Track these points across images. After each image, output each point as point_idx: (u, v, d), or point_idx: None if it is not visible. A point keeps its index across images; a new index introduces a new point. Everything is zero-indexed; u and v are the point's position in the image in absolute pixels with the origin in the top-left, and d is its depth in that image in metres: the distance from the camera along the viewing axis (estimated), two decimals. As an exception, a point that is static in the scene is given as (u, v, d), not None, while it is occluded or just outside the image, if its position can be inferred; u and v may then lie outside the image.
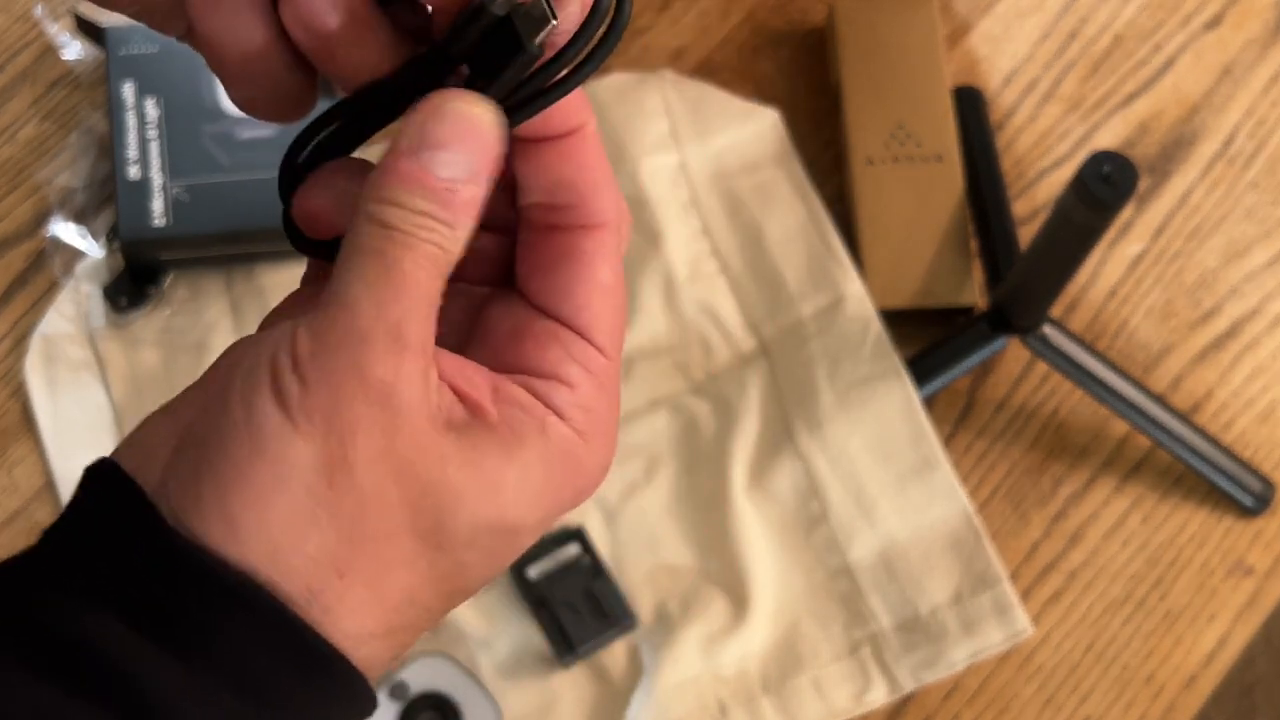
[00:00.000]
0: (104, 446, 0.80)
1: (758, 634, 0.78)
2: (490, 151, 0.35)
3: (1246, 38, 0.93)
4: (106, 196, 0.84)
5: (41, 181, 0.85)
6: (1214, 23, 0.93)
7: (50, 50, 0.89)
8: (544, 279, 0.38)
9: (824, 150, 0.89)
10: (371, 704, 0.35)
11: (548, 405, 0.36)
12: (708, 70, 0.90)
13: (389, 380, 0.33)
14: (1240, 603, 0.81)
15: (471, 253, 0.36)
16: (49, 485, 0.80)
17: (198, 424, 0.34)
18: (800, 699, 0.77)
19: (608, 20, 0.36)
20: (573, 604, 0.78)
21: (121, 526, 0.33)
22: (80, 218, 0.84)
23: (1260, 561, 0.82)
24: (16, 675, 0.31)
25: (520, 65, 0.36)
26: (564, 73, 0.36)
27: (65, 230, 0.84)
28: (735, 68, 0.90)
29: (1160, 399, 0.83)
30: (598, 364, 0.37)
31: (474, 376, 0.36)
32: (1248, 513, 0.82)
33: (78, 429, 0.81)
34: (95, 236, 0.84)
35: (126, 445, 0.35)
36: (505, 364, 0.37)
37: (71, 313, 0.82)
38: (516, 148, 0.38)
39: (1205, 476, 0.82)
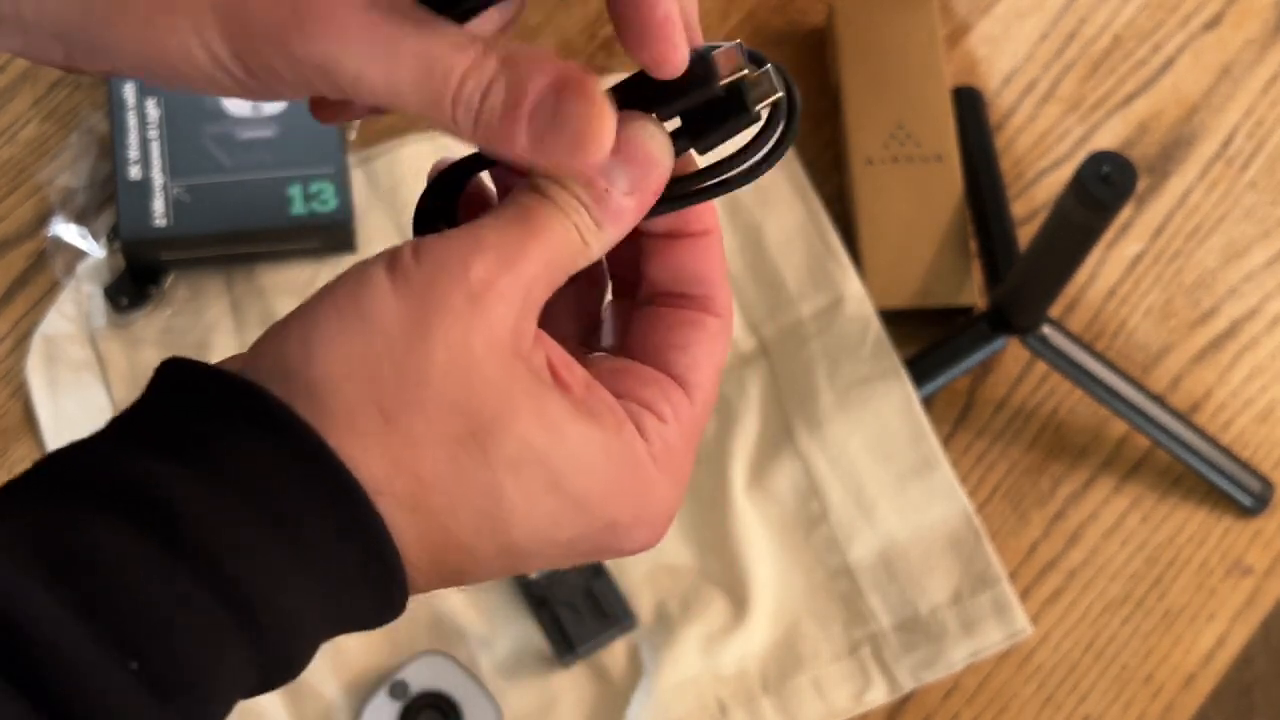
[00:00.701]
0: (105, 446, 0.80)
1: (757, 634, 0.78)
2: (655, 178, 0.39)
3: (1245, 38, 0.93)
4: (107, 197, 0.85)
5: (42, 182, 0.86)
6: (1213, 23, 0.93)
7: (51, 50, 0.89)
8: (661, 339, 0.41)
9: (824, 150, 0.89)
10: (393, 554, 0.35)
11: (634, 421, 0.39)
12: (707, 70, 0.90)
13: (486, 283, 0.36)
14: (1239, 602, 0.81)
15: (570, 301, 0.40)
16: (50, 485, 0.80)
17: (303, 302, 0.37)
18: (800, 699, 0.78)
19: (782, 125, 0.39)
20: (573, 604, 0.78)
21: (165, 381, 0.37)
22: (81, 218, 0.84)
23: (1259, 561, 0.82)
24: (52, 504, 0.34)
25: (737, 125, 0.39)
26: (738, 170, 0.39)
27: (66, 230, 0.84)
28: (735, 68, 0.90)
29: (1159, 399, 0.83)
30: (688, 414, 0.40)
31: (573, 365, 0.38)
32: (1246, 512, 0.82)
33: (79, 429, 0.80)
34: (96, 236, 0.84)
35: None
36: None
37: (72, 313, 0.83)
38: (652, 242, 0.41)
39: (1204, 476, 0.82)
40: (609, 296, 0.44)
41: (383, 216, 0.85)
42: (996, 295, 0.83)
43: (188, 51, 0.36)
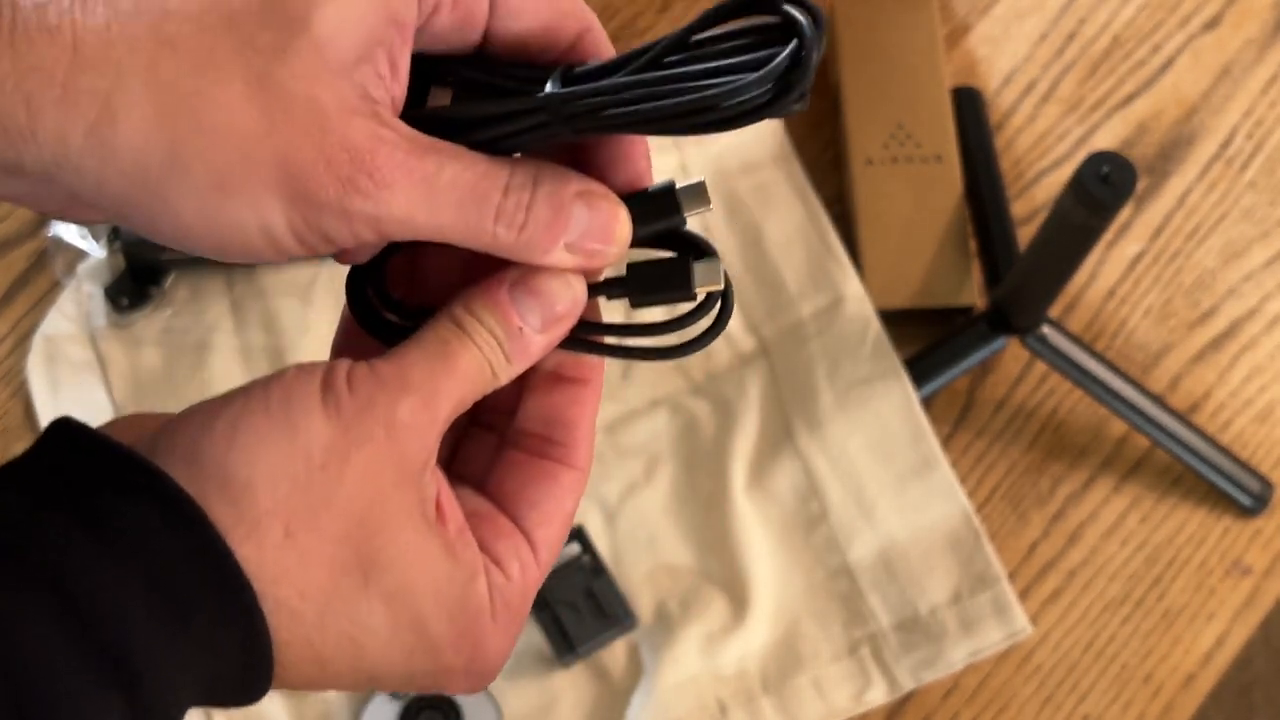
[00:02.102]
0: (105, 446, 0.80)
1: (757, 634, 0.78)
2: (566, 322, 0.42)
3: (1245, 38, 0.93)
4: (108, 197, 0.85)
5: (43, 182, 0.86)
6: (1212, 23, 0.93)
7: (51, 51, 0.89)
8: (517, 489, 0.43)
9: (823, 151, 0.89)
10: (267, 648, 0.37)
11: (484, 573, 0.41)
12: (707, 71, 0.90)
13: (409, 426, 0.38)
14: (1238, 602, 0.81)
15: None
16: (50, 485, 0.80)
17: (230, 393, 0.39)
18: (800, 698, 0.78)
19: (713, 319, 0.42)
20: (573, 604, 0.78)
21: (65, 444, 0.38)
22: (82, 218, 0.84)
23: (1258, 561, 0.82)
24: None
25: (675, 298, 0.42)
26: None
27: (67, 230, 0.84)
28: (735, 68, 0.90)
29: (1159, 399, 0.83)
30: (533, 575, 0.42)
31: (454, 504, 0.41)
32: (1246, 512, 0.83)
33: (79, 429, 0.81)
34: (97, 237, 0.84)
35: (101, 427, 0.39)
36: None
37: (73, 313, 0.83)
38: (534, 377, 0.44)
39: (1204, 476, 0.82)
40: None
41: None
42: (996, 295, 0.83)
43: (241, 227, 0.37)
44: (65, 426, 0.38)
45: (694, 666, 0.77)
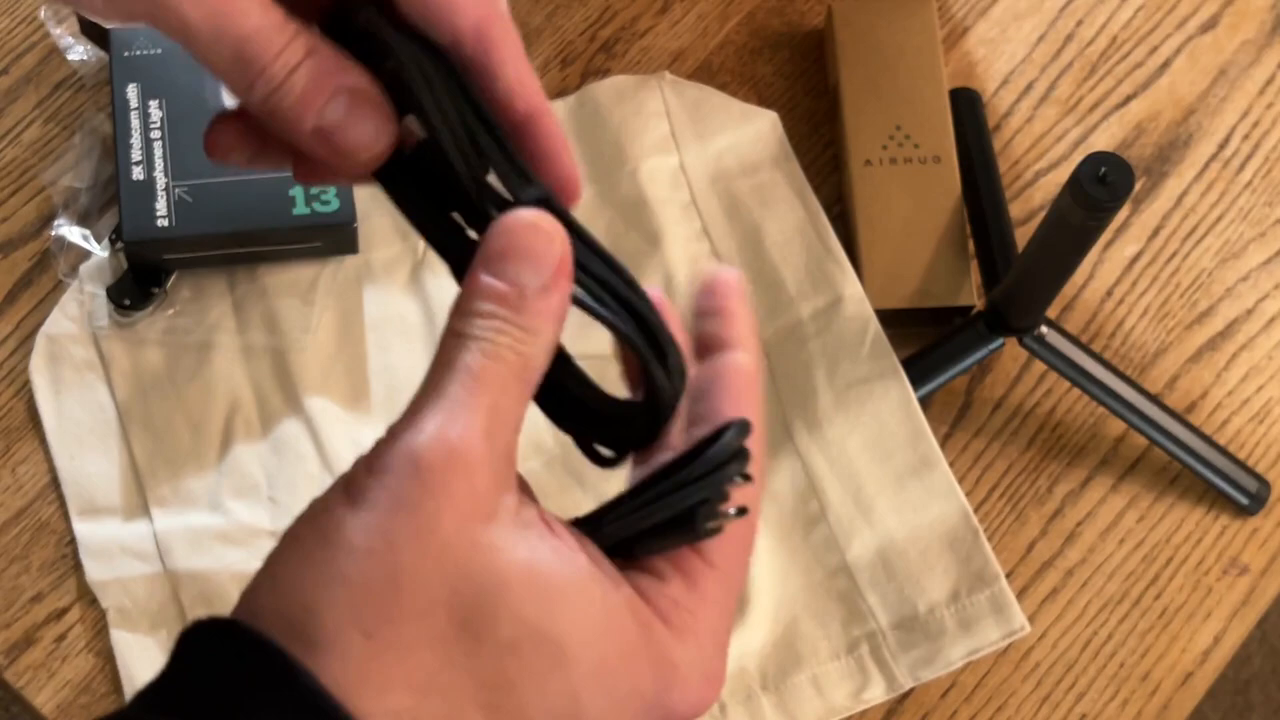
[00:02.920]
0: (107, 446, 0.81)
1: (756, 632, 0.78)
2: (555, 256, 0.37)
3: (1242, 39, 0.93)
4: (110, 197, 0.85)
5: (46, 182, 0.86)
6: (1210, 24, 0.94)
7: (55, 52, 0.89)
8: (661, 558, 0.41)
9: (822, 152, 0.89)
10: None
11: (630, 583, 0.37)
12: (707, 72, 0.91)
13: (435, 467, 0.34)
14: (1235, 601, 0.81)
15: None
16: (53, 484, 0.81)
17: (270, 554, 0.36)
18: (799, 697, 0.78)
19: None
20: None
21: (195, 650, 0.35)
22: (84, 219, 0.85)
23: (1255, 560, 0.82)
24: None
25: (678, 538, 0.40)
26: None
27: (69, 231, 0.84)
28: (734, 70, 0.91)
29: (1156, 399, 0.83)
30: (694, 567, 0.39)
31: (561, 524, 0.38)
32: (1243, 511, 0.83)
33: (81, 428, 0.81)
34: (99, 237, 0.84)
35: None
36: None
37: (75, 313, 0.83)
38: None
39: (1201, 475, 0.83)
40: None
41: (385, 217, 0.85)
42: (994, 296, 0.83)
43: None
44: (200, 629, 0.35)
45: (694, 665, 0.77)
